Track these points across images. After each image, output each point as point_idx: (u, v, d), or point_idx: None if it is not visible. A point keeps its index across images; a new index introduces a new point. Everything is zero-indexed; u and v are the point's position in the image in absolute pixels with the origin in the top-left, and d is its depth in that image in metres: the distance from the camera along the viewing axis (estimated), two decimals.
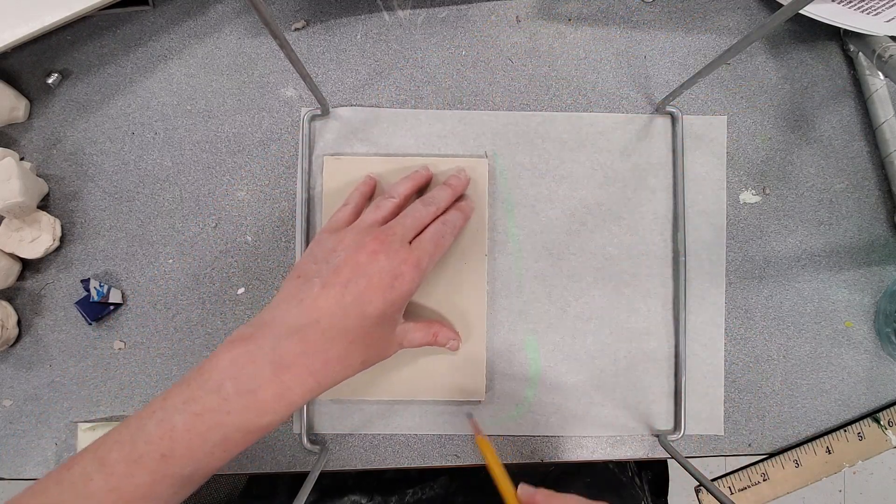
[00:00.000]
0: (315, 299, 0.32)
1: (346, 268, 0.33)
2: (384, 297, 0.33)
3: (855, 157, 0.45)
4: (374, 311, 0.33)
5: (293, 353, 0.31)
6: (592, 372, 0.43)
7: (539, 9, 0.45)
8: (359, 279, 0.33)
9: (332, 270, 0.33)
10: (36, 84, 0.43)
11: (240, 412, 0.29)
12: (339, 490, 0.49)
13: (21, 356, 0.43)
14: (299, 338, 0.31)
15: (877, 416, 0.44)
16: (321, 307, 0.32)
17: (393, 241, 0.34)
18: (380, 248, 0.34)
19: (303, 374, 0.31)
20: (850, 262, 0.45)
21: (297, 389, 0.31)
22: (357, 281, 0.33)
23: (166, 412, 0.29)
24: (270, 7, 0.44)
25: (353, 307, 0.32)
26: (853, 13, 0.41)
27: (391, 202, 0.38)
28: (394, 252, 0.34)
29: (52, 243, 0.41)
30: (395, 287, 0.33)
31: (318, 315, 0.32)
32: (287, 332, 0.31)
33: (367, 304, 0.32)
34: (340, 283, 0.32)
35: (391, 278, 0.33)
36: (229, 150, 0.44)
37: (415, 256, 0.34)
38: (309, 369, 0.31)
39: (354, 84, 0.44)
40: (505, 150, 0.44)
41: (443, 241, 0.37)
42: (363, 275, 0.33)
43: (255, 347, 0.31)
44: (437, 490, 0.50)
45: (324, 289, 0.32)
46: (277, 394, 0.30)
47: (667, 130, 0.44)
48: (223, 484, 0.65)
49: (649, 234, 0.44)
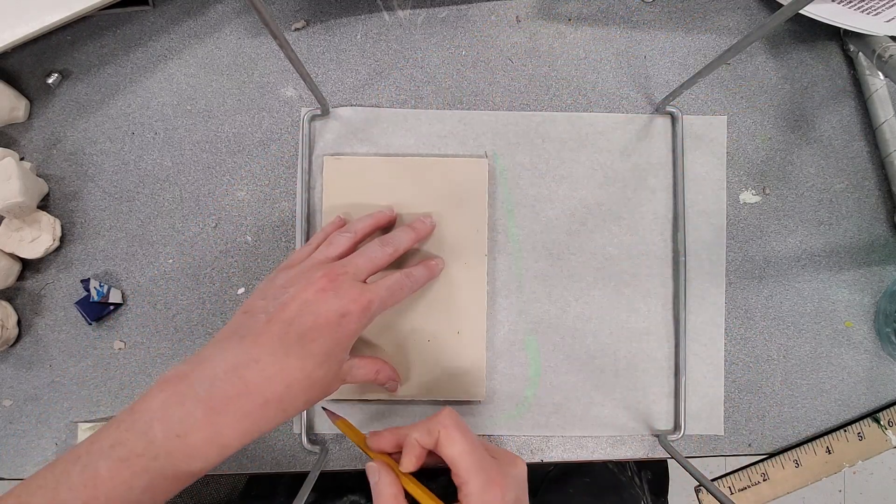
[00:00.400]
0: (257, 336, 0.30)
1: (293, 304, 0.31)
2: (330, 336, 0.31)
3: (855, 157, 0.45)
4: (318, 349, 0.31)
5: (228, 394, 0.29)
6: (592, 372, 0.43)
7: (539, 9, 0.45)
8: (305, 317, 0.31)
9: (279, 306, 0.31)
10: (36, 84, 0.43)
11: (167, 457, 0.28)
12: (339, 490, 0.49)
13: (21, 356, 0.43)
14: (237, 377, 0.29)
15: (877, 416, 0.44)
16: (263, 344, 0.30)
17: (344, 280, 0.33)
18: (329, 285, 0.32)
19: (237, 416, 0.29)
20: (850, 262, 0.45)
21: (230, 433, 0.29)
22: (303, 318, 0.31)
23: (91, 457, 0.27)
24: (270, 7, 0.44)
25: (296, 346, 0.30)
26: (853, 13, 0.41)
27: (346, 237, 0.36)
28: (343, 290, 0.32)
29: (52, 243, 0.41)
30: (341, 326, 0.32)
31: (259, 353, 0.30)
32: (224, 371, 0.29)
33: (312, 343, 0.31)
34: (285, 320, 0.31)
35: (338, 317, 0.32)
36: (229, 150, 0.44)
37: (365, 298, 0.33)
38: (244, 411, 0.29)
39: (354, 84, 0.44)
40: (505, 150, 0.44)
41: (399, 292, 0.36)
42: (310, 312, 0.31)
43: (187, 387, 0.29)
44: (437, 490, 0.50)
45: (267, 325, 0.31)
46: (208, 438, 0.28)
47: (667, 130, 0.44)
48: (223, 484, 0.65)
49: (649, 234, 0.44)
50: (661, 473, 0.57)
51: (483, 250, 0.42)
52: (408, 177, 0.42)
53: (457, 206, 0.42)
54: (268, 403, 0.30)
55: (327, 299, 0.32)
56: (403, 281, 0.36)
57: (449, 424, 0.31)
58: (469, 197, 0.42)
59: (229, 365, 0.30)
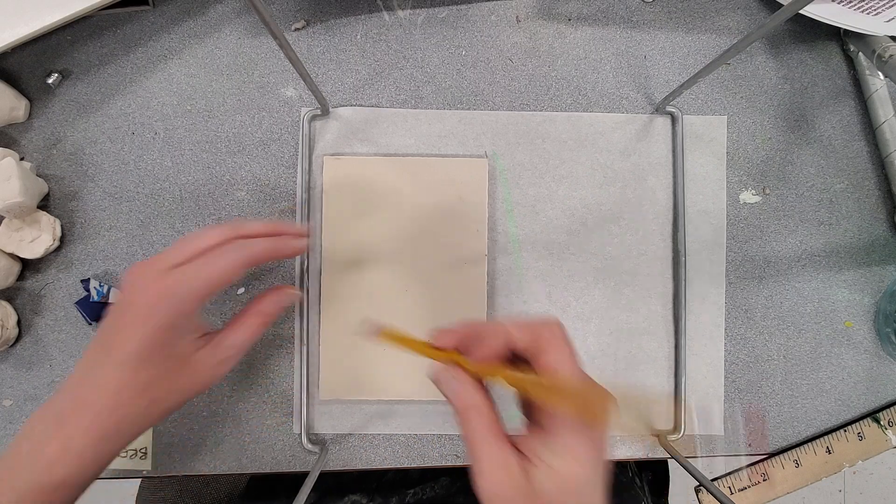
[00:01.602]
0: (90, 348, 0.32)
1: (113, 309, 0.32)
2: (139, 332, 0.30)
3: (855, 157, 0.45)
4: (133, 348, 0.30)
5: (72, 403, 0.31)
6: (592, 372, 0.43)
7: (539, 9, 0.45)
8: (115, 318, 0.32)
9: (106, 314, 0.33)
10: (36, 84, 0.43)
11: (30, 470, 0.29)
12: (339, 490, 0.49)
13: (21, 356, 0.43)
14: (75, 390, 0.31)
15: (877, 416, 0.44)
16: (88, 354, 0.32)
17: (148, 272, 0.31)
18: (134, 280, 0.31)
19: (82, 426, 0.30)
20: (850, 262, 0.45)
21: (79, 439, 0.30)
22: (114, 321, 0.32)
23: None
24: (270, 7, 0.44)
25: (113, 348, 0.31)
26: (853, 13, 0.41)
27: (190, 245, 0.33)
28: (147, 284, 0.31)
29: (52, 243, 0.41)
30: (150, 317, 0.30)
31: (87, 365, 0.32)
32: (71, 385, 0.32)
33: (126, 343, 0.30)
34: (104, 327, 0.32)
35: (147, 309, 0.30)
36: (229, 150, 0.44)
37: (166, 283, 0.31)
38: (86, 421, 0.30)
39: (354, 84, 0.44)
40: (505, 150, 0.44)
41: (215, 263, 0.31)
42: (119, 312, 0.32)
43: (49, 403, 0.31)
44: (438, 491, 0.50)
45: (97, 334, 0.32)
46: (62, 447, 0.30)
47: (667, 130, 0.44)
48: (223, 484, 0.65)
49: (649, 234, 0.44)
50: (661, 474, 0.57)
51: (483, 250, 0.42)
52: (408, 177, 0.42)
53: (457, 206, 0.42)
54: (102, 412, 0.30)
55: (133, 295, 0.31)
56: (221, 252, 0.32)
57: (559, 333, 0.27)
58: (469, 197, 0.42)
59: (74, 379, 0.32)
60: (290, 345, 0.43)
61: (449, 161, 0.43)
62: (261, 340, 0.43)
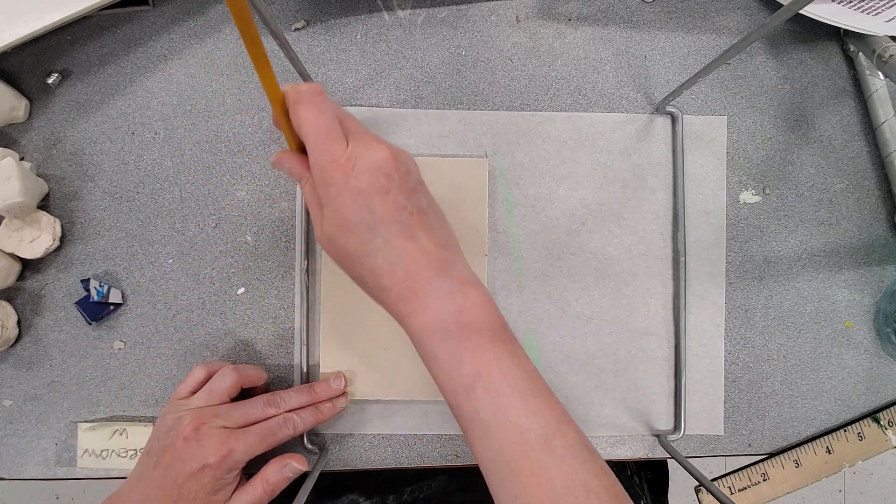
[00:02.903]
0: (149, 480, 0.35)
1: (168, 452, 0.35)
2: (196, 484, 0.34)
3: (855, 157, 0.45)
4: (189, 494, 0.34)
5: None
6: (592, 372, 0.43)
7: (539, 9, 0.45)
8: (175, 464, 0.34)
9: (160, 451, 0.35)
10: (36, 84, 0.43)
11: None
12: (338, 490, 0.49)
13: (21, 356, 0.43)
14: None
15: (877, 416, 0.44)
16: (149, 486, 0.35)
17: (209, 429, 0.35)
18: (193, 434, 0.35)
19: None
20: (850, 262, 0.45)
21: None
22: (174, 466, 0.34)
23: None
24: (270, 7, 0.44)
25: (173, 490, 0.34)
26: (853, 13, 0.41)
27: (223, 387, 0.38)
28: (206, 440, 0.35)
29: (52, 243, 0.41)
30: (203, 474, 0.34)
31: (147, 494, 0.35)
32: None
33: (182, 488, 0.34)
34: (164, 465, 0.35)
35: (200, 467, 0.34)
36: (229, 150, 0.44)
37: (226, 448, 0.35)
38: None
39: (354, 84, 0.44)
40: (505, 150, 0.44)
41: (272, 437, 0.37)
42: (179, 459, 0.34)
43: None
44: (435, 488, 0.50)
45: (154, 470, 0.35)
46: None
47: (667, 130, 0.44)
48: None
49: (649, 234, 0.44)
50: (661, 473, 0.57)
51: (483, 250, 0.42)
52: None
53: (457, 206, 0.42)
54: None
55: (190, 448, 0.35)
56: (279, 427, 0.38)
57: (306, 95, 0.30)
58: (469, 197, 0.42)
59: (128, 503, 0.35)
60: (290, 345, 0.43)
61: (449, 161, 0.43)
62: (260, 340, 0.43)
